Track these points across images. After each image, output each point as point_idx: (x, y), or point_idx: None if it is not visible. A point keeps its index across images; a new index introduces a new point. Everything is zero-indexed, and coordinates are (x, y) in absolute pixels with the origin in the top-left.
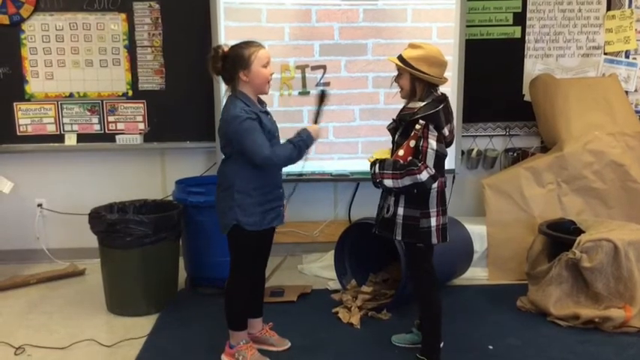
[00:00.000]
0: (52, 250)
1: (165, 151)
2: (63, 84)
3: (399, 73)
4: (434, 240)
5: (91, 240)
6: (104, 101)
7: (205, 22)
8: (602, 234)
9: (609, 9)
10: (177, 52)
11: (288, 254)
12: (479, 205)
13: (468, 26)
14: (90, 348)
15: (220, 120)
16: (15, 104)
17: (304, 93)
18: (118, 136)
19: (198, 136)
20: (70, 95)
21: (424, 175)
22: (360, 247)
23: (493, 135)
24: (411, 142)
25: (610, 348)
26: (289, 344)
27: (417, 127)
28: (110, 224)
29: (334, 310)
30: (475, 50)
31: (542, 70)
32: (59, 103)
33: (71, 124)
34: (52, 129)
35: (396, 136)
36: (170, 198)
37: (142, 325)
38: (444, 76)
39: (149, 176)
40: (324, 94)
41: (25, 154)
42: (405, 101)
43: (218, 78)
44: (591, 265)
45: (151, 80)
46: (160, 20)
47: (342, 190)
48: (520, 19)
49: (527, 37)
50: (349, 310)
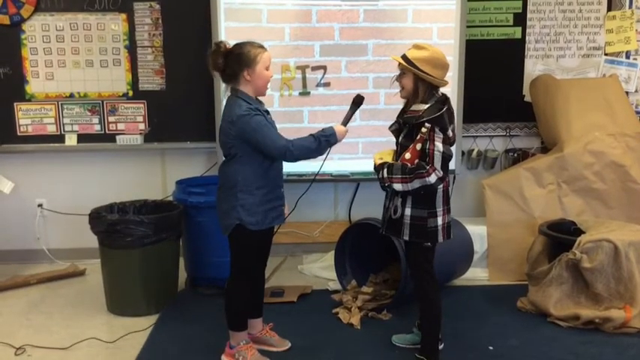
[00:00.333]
0: (53, 251)
1: (166, 152)
2: (63, 84)
3: (401, 72)
4: (440, 239)
5: (92, 240)
6: (104, 101)
7: (206, 22)
8: (602, 234)
9: (610, 9)
10: (178, 53)
11: (288, 254)
12: (479, 206)
13: (468, 27)
14: (90, 348)
15: (223, 121)
16: (15, 104)
17: (304, 93)
18: (118, 137)
19: (198, 137)
20: (71, 95)
21: (433, 178)
22: (361, 248)
23: (493, 135)
24: (418, 145)
25: (610, 349)
26: (289, 345)
27: (424, 130)
28: (110, 224)
29: (334, 311)
30: (475, 51)
31: (543, 71)
32: (59, 103)
33: (71, 124)
34: (52, 129)
35: (400, 138)
36: (170, 198)
37: (142, 326)
38: (445, 78)
39: (149, 176)
40: (360, 98)
41: (26, 154)
42: (405, 101)
43: (219, 78)
44: (591, 266)
45: (152, 80)
46: (161, 20)
47: (342, 191)
48: (520, 19)
49: (527, 37)
50: (349, 311)
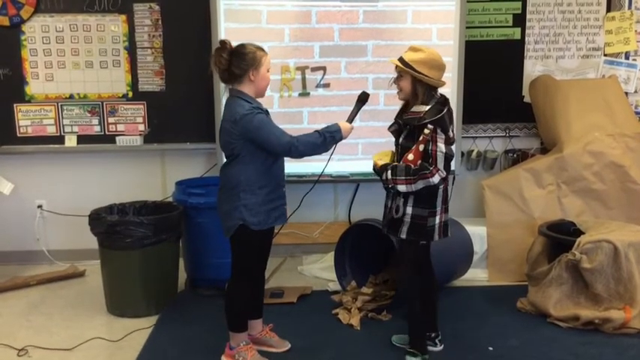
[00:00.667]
0: (52, 252)
1: (166, 153)
2: (63, 85)
3: (399, 74)
4: (436, 237)
5: (91, 241)
6: (104, 102)
7: (205, 23)
8: (602, 235)
9: (609, 10)
10: (178, 54)
11: (288, 255)
12: (479, 207)
13: (467, 27)
14: (90, 349)
15: (224, 121)
16: (15, 105)
17: (304, 94)
18: (118, 138)
19: (198, 138)
20: (70, 96)
21: (436, 178)
22: (360, 249)
23: (493, 136)
24: (420, 147)
25: (610, 349)
26: (289, 345)
27: (426, 131)
28: (110, 225)
29: (334, 312)
30: (475, 51)
31: (542, 72)
32: (59, 104)
33: (71, 125)
34: (52, 130)
35: (401, 139)
36: (170, 199)
37: (142, 326)
38: (442, 79)
39: (149, 177)
40: (365, 95)
41: (26, 155)
42: (403, 102)
43: (218, 78)
44: (591, 267)
45: (151, 81)
46: (160, 22)
47: (342, 192)
48: (520, 20)
49: (526, 38)
50: (349, 312)
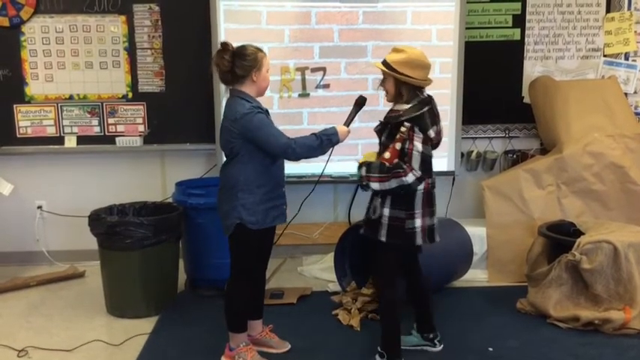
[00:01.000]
0: (52, 252)
1: (165, 153)
2: (63, 86)
3: (384, 77)
4: (418, 240)
5: (91, 242)
6: (104, 103)
7: (205, 24)
8: (601, 236)
9: (608, 11)
10: (177, 55)
11: (288, 256)
12: (478, 207)
13: (467, 28)
14: (90, 350)
15: (224, 120)
16: (15, 106)
17: (304, 95)
18: (117, 138)
19: (198, 138)
20: (70, 97)
21: (410, 178)
22: (361, 249)
23: (493, 137)
24: (397, 145)
25: (610, 350)
26: (289, 346)
27: (403, 129)
28: (110, 226)
29: (334, 312)
30: (475, 52)
31: (542, 72)
32: (59, 105)
33: (71, 126)
34: (51, 131)
35: (383, 138)
36: (170, 200)
37: (142, 327)
38: (428, 78)
39: (149, 178)
40: (362, 99)
41: (25, 156)
42: (392, 104)
43: (217, 79)
44: (591, 267)
45: (151, 82)
46: (160, 22)
47: (341, 192)
48: (519, 21)
49: (526, 39)
50: (349, 312)
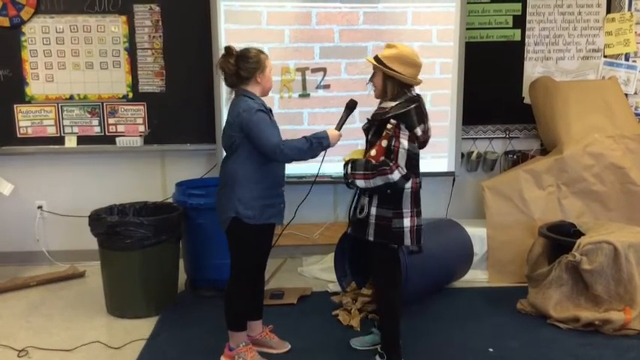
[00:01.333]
0: (52, 252)
1: (166, 154)
2: (63, 86)
3: (374, 72)
4: (407, 241)
5: (91, 242)
6: (104, 103)
7: (205, 24)
8: (602, 236)
9: (609, 12)
10: (178, 55)
11: (288, 256)
12: (479, 208)
13: (467, 29)
14: (90, 350)
15: (229, 116)
16: (15, 106)
17: (304, 95)
18: (118, 139)
19: (198, 139)
20: (71, 97)
21: (396, 175)
22: (361, 249)
23: (493, 137)
24: (383, 142)
25: (610, 351)
26: (289, 346)
27: (389, 126)
28: (110, 226)
29: (334, 313)
30: (475, 53)
31: (542, 73)
32: (59, 105)
33: (71, 126)
34: (52, 131)
35: (369, 136)
36: (170, 200)
37: (142, 327)
38: (418, 78)
39: (149, 178)
40: (353, 102)
41: (26, 156)
42: (379, 101)
43: (219, 80)
44: (591, 268)
45: (152, 82)
46: (161, 23)
47: (342, 193)
48: (520, 21)
49: (527, 39)
50: (349, 313)
